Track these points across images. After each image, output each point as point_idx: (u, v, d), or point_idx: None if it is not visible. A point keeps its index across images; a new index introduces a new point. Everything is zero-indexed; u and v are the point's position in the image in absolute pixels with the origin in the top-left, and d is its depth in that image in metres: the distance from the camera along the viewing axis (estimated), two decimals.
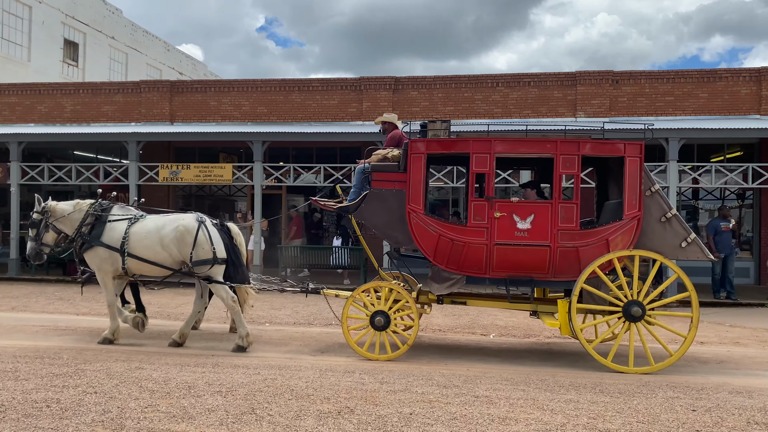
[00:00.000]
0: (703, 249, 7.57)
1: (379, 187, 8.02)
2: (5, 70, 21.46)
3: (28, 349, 7.69)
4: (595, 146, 7.67)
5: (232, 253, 8.24)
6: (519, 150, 7.89)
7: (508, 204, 7.69)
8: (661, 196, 7.61)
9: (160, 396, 5.78)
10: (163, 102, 18.32)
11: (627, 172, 7.50)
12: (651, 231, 7.55)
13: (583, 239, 7.51)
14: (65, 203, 8.61)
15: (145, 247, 8.06)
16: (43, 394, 5.76)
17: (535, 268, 7.60)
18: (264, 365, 7.08)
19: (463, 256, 7.69)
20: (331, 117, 17.50)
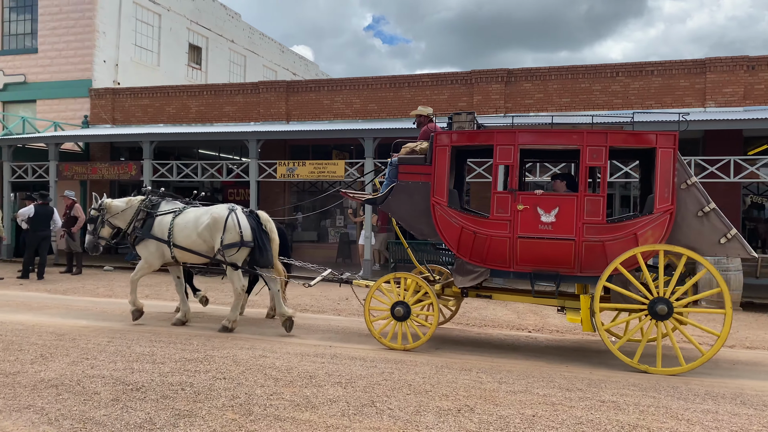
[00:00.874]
0: (744, 245, 7.11)
1: (406, 180, 8.05)
2: (138, 74, 23.17)
3: (162, 334, 8.22)
4: (624, 137, 7.37)
5: (259, 237, 8.66)
6: (544, 141, 7.67)
7: (531, 196, 7.53)
8: (699, 190, 7.21)
9: (283, 384, 5.97)
10: (279, 101, 19.02)
11: (659, 164, 7.17)
12: (686, 226, 7.19)
13: (610, 233, 7.24)
14: (119, 200, 9.37)
15: (185, 236, 8.73)
16: (178, 377, 6.13)
17: (560, 263, 7.40)
18: (381, 359, 7.14)
19: (486, 249, 7.62)
20: (441, 112, 17.38)
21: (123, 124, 20.88)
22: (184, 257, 8.89)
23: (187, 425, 4.85)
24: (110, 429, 4.74)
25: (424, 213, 7.94)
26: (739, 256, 7.27)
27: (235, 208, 8.80)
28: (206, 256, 8.74)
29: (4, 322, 8.82)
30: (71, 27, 21.57)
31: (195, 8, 26.24)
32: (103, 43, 21.68)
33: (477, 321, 9.91)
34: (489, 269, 7.73)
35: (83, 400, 5.37)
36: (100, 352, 7.12)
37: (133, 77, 22.82)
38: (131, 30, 22.99)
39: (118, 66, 22.36)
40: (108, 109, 21.01)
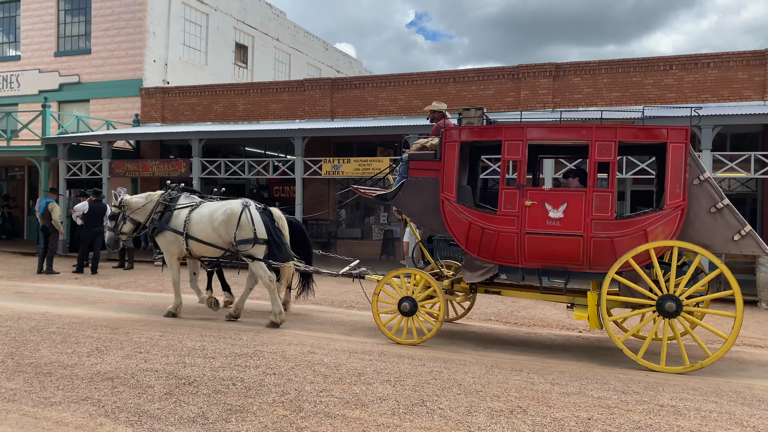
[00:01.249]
0: (759, 243, 6.92)
1: (416, 176, 8.06)
2: (186, 73, 23.61)
3: (212, 329, 8.32)
4: (634, 132, 7.25)
5: (274, 233, 8.80)
6: (552, 137, 7.63)
7: (539, 192, 7.50)
8: (712, 185, 7.04)
9: (332, 381, 5.96)
10: (324, 99, 19.10)
11: (669, 159, 7.03)
12: (699, 222, 7.05)
13: (619, 229, 7.12)
14: (138, 196, 9.70)
15: (201, 230, 8.97)
16: (228, 372, 6.18)
17: (568, 259, 7.31)
18: (428, 357, 7.07)
19: (494, 245, 7.57)
20: (487, 107, 17.10)
21: (172, 122, 21.31)
22: (199, 250, 9.11)
23: (239, 420, 4.88)
24: (164, 423, 4.80)
25: (433, 209, 7.94)
26: (753, 253, 7.08)
27: (249, 204, 8.92)
28: (221, 248, 8.96)
29: (62, 315, 9.09)
30: (122, 28, 22.12)
31: (241, 7, 26.57)
32: (152, 43, 22.17)
33: (526, 320, 9.74)
34: (497, 265, 7.70)
35: (138, 393, 5.47)
36: (153, 345, 7.26)
37: (182, 76, 23.27)
38: (180, 30, 23.44)
39: (168, 65, 22.82)
40: (158, 108, 21.47)
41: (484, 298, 11.55)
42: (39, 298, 10.77)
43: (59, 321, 8.59)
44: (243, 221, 8.71)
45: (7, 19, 24.32)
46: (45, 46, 23.41)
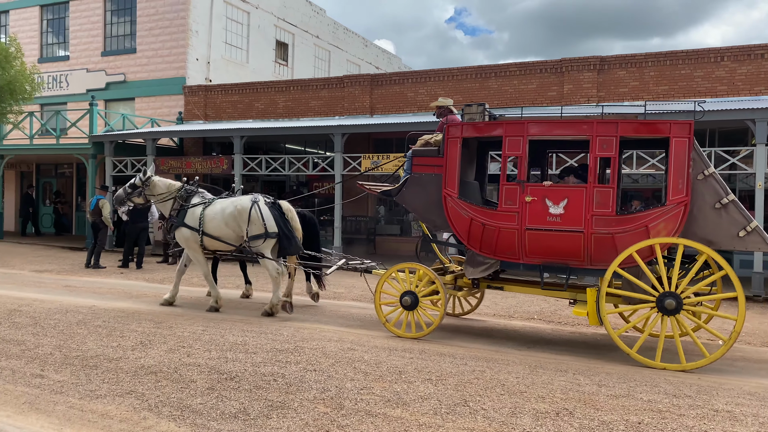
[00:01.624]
0: (766, 239, 6.77)
1: (419, 172, 8.10)
2: (228, 71, 23.91)
3: (253, 324, 8.36)
4: (636, 126, 7.16)
5: (284, 227, 9.02)
6: (553, 132, 7.50)
7: (540, 188, 7.45)
8: (717, 180, 6.90)
9: (373, 379, 5.89)
10: (364, 95, 19.07)
11: (672, 154, 6.92)
12: (703, 218, 6.93)
13: (620, 225, 7.04)
14: (163, 182, 9.89)
15: (214, 226, 9.22)
16: (270, 368, 6.18)
17: (569, 255, 7.28)
18: (470, 356, 6.94)
19: (496, 241, 7.58)
20: (529, 102, 16.87)
21: (214, 119, 21.60)
22: (213, 245, 9.40)
23: (280, 417, 4.85)
24: (206, 418, 4.81)
25: (436, 204, 7.95)
26: (759, 249, 6.96)
27: (258, 200, 9.11)
28: (233, 244, 9.23)
29: (107, 309, 9.27)
30: (166, 27, 22.51)
31: (282, 5, 26.76)
32: (195, 42, 22.50)
33: (569, 319, 9.51)
34: (499, 261, 7.71)
35: (180, 388, 5.50)
36: (196, 340, 7.32)
37: (224, 74, 23.57)
38: (222, 28, 23.73)
39: (210, 64, 23.14)
40: (200, 106, 21.79)
41: (524, 296, 11.35)
42: (86, 291, 11.02)
43: (105, 315, 8.76)
44: (253, 216, 8.94)
45: (57, 21, 25.03)
46: (92, 46, 24.01)
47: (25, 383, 5.57)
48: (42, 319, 8.29)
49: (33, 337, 7.26)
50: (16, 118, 19.80)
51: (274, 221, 8.97)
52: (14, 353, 6.56)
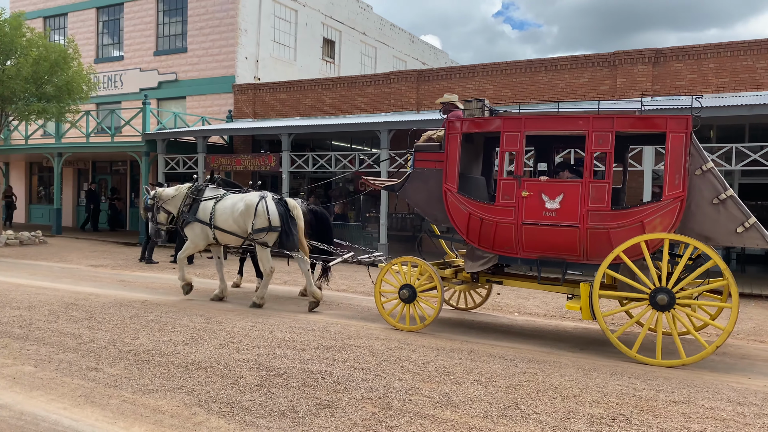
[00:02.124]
0: (765, 235, 6.68)
1: (421, 167, 8.23)
2: (276, 70, 24.15)
3: (301, 320, 8.38)
4: (632, 122, 7.17)
5: (287, 223, 9.37)
6: (550, 128, 7.64)
7: (536, 183, 7.48)
8: (715, 176, 6.84)
9: (421, 379, 5.81)
10: (410, 91, 18.96)
11: (669, 149, 6.91)
12: (701, 214, 6.91)
13: (615, 221, 7.07)
14: (169, 188, 10.47)
15: (224, 220, 9.61)
16: (317, 365, 6.17)
17: (565, 250, 7.35)
18: (520, 357, 6.78)
19: (493, 235, 7.67)
20: (581, 96, 16.45)
21: (263, 117, 21.85)
22: (223, 238, 9.77)
23: (328, 416, 4.82)
24: (255, 415, 4.82)
25: (437, 199, 8.08)
26: (757, 246, 6.84)
27: (266, 196, 9.54)
28: (241, 236, 9.59)
29: (160, 303, 9.46)
30: (216, 26, 22.88)
31: (329, 2, 26.86)
32: (245, 41, 22.80)
33: (624, 320, 9.20)
34: (497, 255, 7.82)
35: (230, 384, 5.54)
36: (245, 336, 7.38)
37: (272, 72, 23.82)
38: (270, 26, 23.98)
39: (258, 62, 23.42)
40: (249, 104, 22.07)
41: None
42: (139, 286, 11.28)
43: (157, 309, 8.93)
44: (259, 211, 9.35)
45: (112, 22, 25.76)
46: (145, 46, 24.61)
47: (81, 376, 5.70)
48: (97, 313, 8.51)
49: (89, 331, 7.45)
50: (73, 117, 20.47)
51: (279, 216, 9.35)
52: (71, 346, 6.73)
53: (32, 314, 8.36)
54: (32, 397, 5.17)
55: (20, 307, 8.80)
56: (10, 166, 27.86)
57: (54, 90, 18.23)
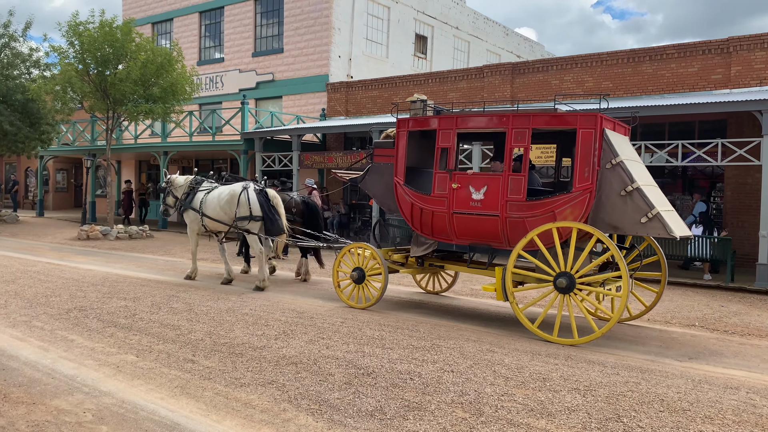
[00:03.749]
0: (665, 225, 7.00)
1: (379, 162, 9.11)
2: (368, 67, 24.31)
3: (390, 318, 8.30)
4: (547, 119, 7.66)
5: (268, 211, 10.26)
6: (477, 126, 8.20)
7: (464, 176, 8.17)
8: (623, 169, 7.25)
9: (515, 385, 5.55)
10: (504, 85, 18.47)
11: (579, 144, 7.35)
12: (611, 204, 7.32)
13: (530, 210, 7.62)
14: (180, 177, 11.73)
15: (212, 209, 10.65)
16: (406, 365, 6.05)
17: (490, 237, 8.02)
18: (622, 365, 6.35)
19: (431, 223, 8.44)
20: (689, 87, 15.38)
21: (355, 115, 22.04)
22: (211, 225, 10.81)
23: (417, 419, 4.68)
24: (343, 414, 4.76)
25: (390, 190, 8.94)
26: (659, 235, 7.13)
27: (249, 186, 10.48)
28: (226, 224, 10.54)
29: (255, 297, 9.68)
30: (311, 26, 23.31)
31: None
32: (338, 39, 23.09)
33: (737, 327, 8.48)
34: (437, 241, 8.60)
35: (319, 381, 5.52)
36: (334, 332, 7.39)
37: (364, 70, 23.99)
38: (363, 24, 24.15)
39: (351, 60, 23.66)
40: (342, 102, 22.33)
41: (682, 300, 10.34)
42: (236, 280, 11.61)
43: (252, 303, 9.14)
44: (242, 201, 10.29)
45: (213, 25, 26.87)
46: (244, 47, 25.49)
47: (178, 367, 5.88)
48: (195, 306, 8.82)
49: (187, 323, 7.72)
50: (177, 117, 21.52)
51: (259, 206, 10.24)
52: (170, 337, 6.99)
53: (137, 305, 8.79)
54: (133, 386, 5.37)
55: (126, 298, 9.28)
56: (121, 164, 29.75)
57: (160, 91, 19.22)
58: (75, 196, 34.42)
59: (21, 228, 22.39)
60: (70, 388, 5.27)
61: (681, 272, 13.36)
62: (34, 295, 9.31)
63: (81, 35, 18.73)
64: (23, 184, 34.93)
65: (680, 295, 11.14)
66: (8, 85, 22.38)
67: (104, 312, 8.25)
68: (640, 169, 7.76)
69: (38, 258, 14.02)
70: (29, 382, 5.42)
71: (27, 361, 6.03)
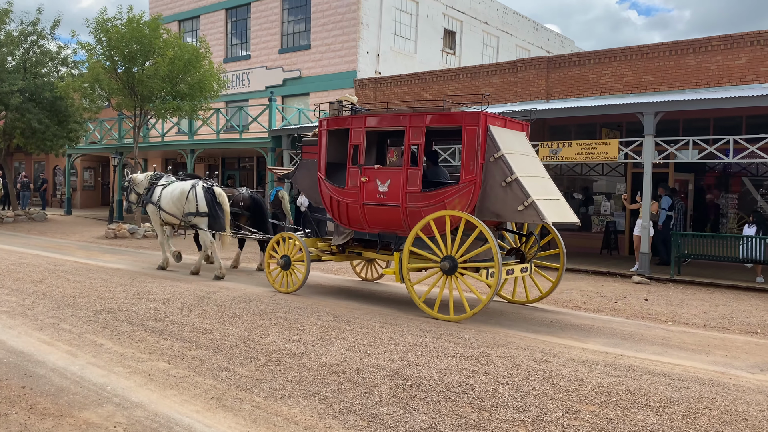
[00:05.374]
0: (539, 212, 7.63)
1: (307, 158, 9.97)
2: (396, 63, 23.84)
3: (431, 323, 7.84)
4: (438, 118, 8.41)
5: (213, 208, 11.12)
6: (382, 125, 8.92)
7: (372, 170, 8.86)
8: (504, 162, 7.89)
9: (577, 400, 5.07)
10: (539, 79, 17.88)
11: (465, 140, 8.05)
12: (494, 194, 8.00)
13: (425, 201, 8.38)
14: (141, 175, 12.81)
15: (166, 203, 11.60)
16: (456, 377, 5.60)
17: (395, 226, 8.78)
18: (690, 377, 5.83)
19: (347, 214, 9.21)
20: (736, 80, 14.67)
21: None
22: (166, 218, 11.72)
23: None
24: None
25: (316, 185, 9.69)
26: (533, 221, 7.88)
27: (197, 184, 11.29)
28: (178, 217, 11.48)
29: (288, 299, 9.30)
30: (338, 22, 22.93)
31: None
32: (366, 35, 22.67)
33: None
34: (353, 230, 9.38)
35: (364, 393, 5.10)
36: (375, 338, 6.96)
37: (392, 66, 23.54)
38: (391, 20, 23.70)
39: (379, 56, 23.22)
40: (370, 98, 21.91)
41: (738, 305, 9.73)
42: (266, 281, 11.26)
43: (286, 305, 8.76)
44: (190, 197, 11.16)
45: (239, 22, 26.64)
46: (270, 44, 25.20)
47: (213, 376, 5.51)
48: (227, 308, 8.47)
49: (219, 326, 7.36)
50: (204, 115, 21.30)
51: (206, 203, 11.06)
52: (203, 342, 6.63)
53: (166, 307, 8.46)
54: (166, 396, 5.01)
55: (155, 300, 8.96)
56: (148, 162, 29.72)
57: (187, 88, 18.99)
58: (102, 195, 34.54)
59: (49, 226, 22.37)
60: (100, 399, 4.92)
61: (733, 275, 12.71)
62: (62, 296, 9.04)
63: (108, 31, 18.57)
64: (51, 183, 35.15)
65: (734, 299, 10.52)
66: (36, 83, 22.38)
67: (134, 314, 7.93)
68: (525, 161, 8.40)
69: (66, 257, 13.84)
70: (57, 391, 5.09)
71: (55, 367, 5.71)
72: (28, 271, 11.48)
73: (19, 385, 5.21)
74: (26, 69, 22.88)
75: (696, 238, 12.52)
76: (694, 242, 12.37)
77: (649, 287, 11.67)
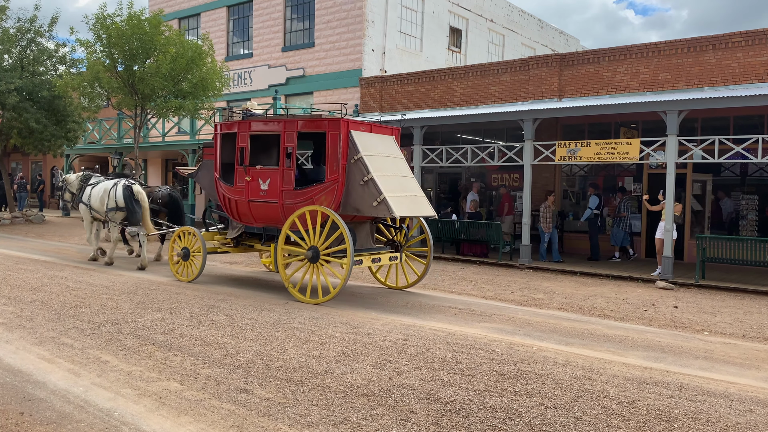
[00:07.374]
0: (389, 207, 8.52)
1: (207, 159, 10.90)
2: (402, 61, 23.33)
3: (457, 336, 7.37)
4: (305, 123, 9.44)
5: (130, 204, 12.16)
6: (263, 129, 9.81)
7: (255, 170, 9.71)
8: (363, 164, 8.81)
9: (636, 427, 4.60)
10: (551, 77, 17.39)
11: (328, 144, 9.02)
12: (355, 192, 8.90)
13: (297, 197, 9.28)
14: (73, 175, 13.91)
15: (94, 201, 12.75)
16: (498, 399, 5.10)
17: (276, 220, 9.61)
18: (750, 398, 5.35)
19: (237, 210, 10.12)
20: (759, 77, 14.20)
21: (389, 111, 21.09)
22: (95, 215, 12.91)
23: None
24: None
25: (213, 183, 10.59)
26: (384, 216, 8.84)
27: (118, 183, 12.38)
28: (101, 214, 12.69)
29: (299, 307, 8.79)
30: (343, 19, 22.41)
31: None
32: (371, 32, 22.16)
33: None
34: (244, 225, 10.25)
35: (400, 420, 4.61)
36: (400, 353, 6.47)
37: (398, 64, 23.03)
38: (396, 17, 23.19)
39: (385, 54, 22.71)
40: (376, 97, 21.41)
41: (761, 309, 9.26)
42: (278, 286, 10.76)
43: (300, 316, 8.25)
44: (111, 194, 12.30)
45: (241, 20, 26.10)
46: (273, 42, 24.67)
47: (231, 399, 5.01)
48: (238, 318, 7.96)
49: (233, 340, 6.85)
50: (207, 114, 20.77)
51: (123, 199, 12.14)
52: (216, 359, 6.12)
53: (174, 317, 7.95)
54: (180, 424, 4.51)
55: (162, 309, 8.45)
56: (147, 163, 29.16)
57: (189, 86, 18.46)
58: None
59: (47, 228, 21.82)
60: (107, 427, 4.42)
61: (760, 279, 12.24)
62: (62, 305, 8.53)
63: (108, 28, 18.04)
64: (49, 183, 34.57)
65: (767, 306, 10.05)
66: (34, 82, 21.84)
67: (139, 326, 7.43)
68: (386, 162, 9.27)
69: (65, 261, 13.32)
70: (59, 417, 4.59)
71: (56, 389, 5.21)
72: (26, 277, 10.96)
73: (18, 411, 4.71)
74: (23, 67, 22.35)
75: (718, 240, 12.05)
76: (717, 245, 11.88)
77: (675, 293, 11.19)
